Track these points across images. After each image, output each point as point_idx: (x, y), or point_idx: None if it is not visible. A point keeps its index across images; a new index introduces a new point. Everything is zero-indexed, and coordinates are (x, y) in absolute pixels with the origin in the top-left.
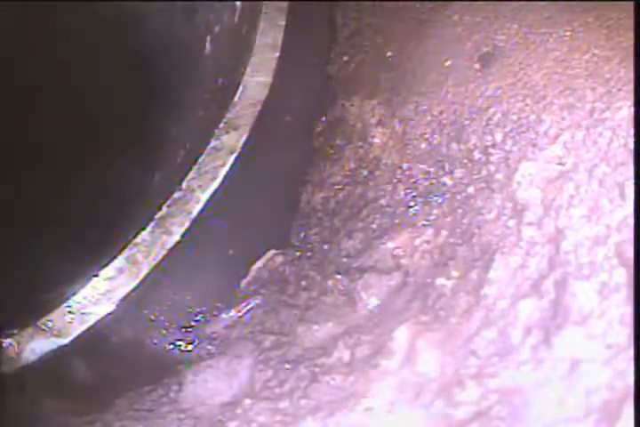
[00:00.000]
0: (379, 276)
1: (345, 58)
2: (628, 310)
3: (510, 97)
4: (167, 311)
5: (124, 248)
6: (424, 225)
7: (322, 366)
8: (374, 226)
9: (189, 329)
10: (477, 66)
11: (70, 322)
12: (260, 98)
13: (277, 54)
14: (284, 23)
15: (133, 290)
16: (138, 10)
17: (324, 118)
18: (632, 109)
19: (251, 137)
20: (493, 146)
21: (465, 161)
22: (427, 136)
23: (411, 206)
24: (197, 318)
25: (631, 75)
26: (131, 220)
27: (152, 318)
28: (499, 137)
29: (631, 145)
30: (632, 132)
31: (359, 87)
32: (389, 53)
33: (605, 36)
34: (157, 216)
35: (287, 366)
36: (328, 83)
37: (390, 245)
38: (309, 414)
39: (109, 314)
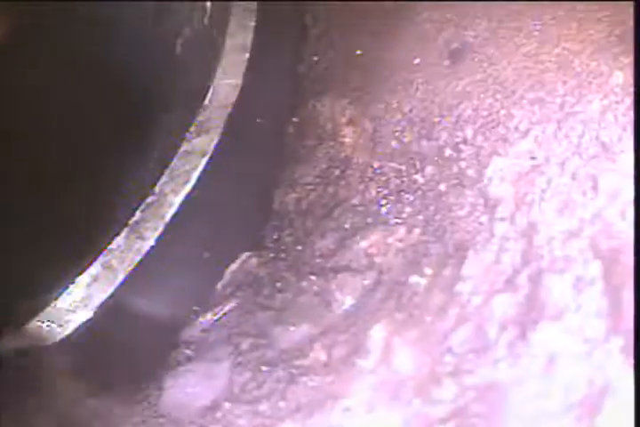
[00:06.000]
0: (353, 275)
1: (315, 58)
2: (604, 304)
3: (480, 93)
4: (144, 317)
5: (98, 255)
6: (396, 223)
7: (299, 368)
8: (347, 225)
9: (167, 334)
10: (447, 62)
11: (48, 330)
12: (231, 100)
13: (247, 56)
14: (253, 24)
15: (110, 296)
16: (108, 12)
17: (294, 119)
18: (603, 102)
19: (222, 140)
20: (464, 142)
21: (436, 158)
22: (397, 134)
23: (382, 205)
24: (175, 322)
25: (602, 68)
26: (106, 225)
27: (130, 323)
28: (469, 133)
29: (603, 138)
30: (603, 124)
31: (329, 87)
32: (359, 52)
33: (576, 30)
34: (131, 221)
35: (265, 368)
36: (298, 83)
37: (363, 244)
38: (288, 417)
39: (87, 321)
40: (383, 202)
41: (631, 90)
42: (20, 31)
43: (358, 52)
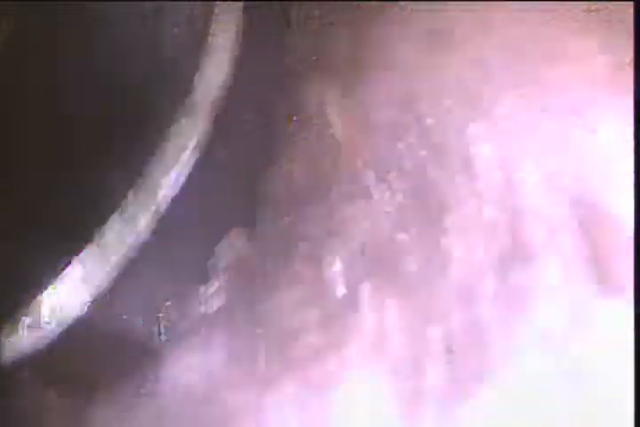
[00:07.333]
0: (342, 240)
1: (303, 53)
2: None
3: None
4: (138, 305)
5: (89, 242)
6: (381, 190)
7: (294, 337)
8: (334, 196)
9: (161, 321)
10: (425, 46)
11: (48, 322)
12: (218, 97)
13: (234, 53)
14: (239, 22)
15: (103, 286)
16: (108, 13)
17: (283, 112)
18: None
19: (210, 136)
20: (444, 112)
21: (417, 128)
22: (384, 115)
23: (367, 174)
24: (168, 308)
25: None
26: (95, 211)
27: (123, 313)
28: (449, 102)
29: None
30: None
31: (317, 79)
32: (345, 43)
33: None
34: (121, 206)
35: (260, 344)
36: (285, 77)
37: (350, 211)
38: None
39: (81, 313)
40: (368, 171)
41: None
42: (23, 31)
43: (344, 42)
